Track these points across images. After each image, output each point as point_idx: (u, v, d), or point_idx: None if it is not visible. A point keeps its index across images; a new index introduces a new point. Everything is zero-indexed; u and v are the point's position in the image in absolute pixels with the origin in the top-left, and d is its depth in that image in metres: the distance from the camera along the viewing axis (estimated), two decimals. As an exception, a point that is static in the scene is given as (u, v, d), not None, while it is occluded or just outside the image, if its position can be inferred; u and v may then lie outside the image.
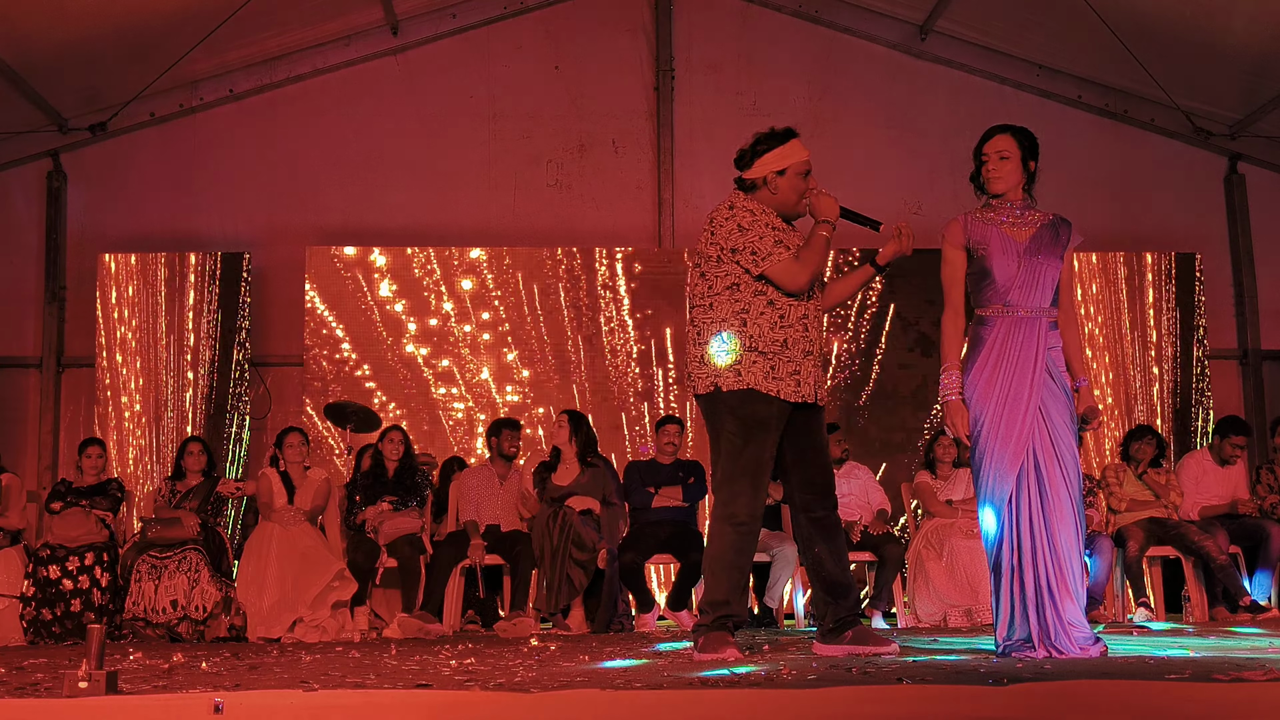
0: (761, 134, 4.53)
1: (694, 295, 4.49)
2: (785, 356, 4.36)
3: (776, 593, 7.19)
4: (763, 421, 4.35)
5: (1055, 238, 4.32)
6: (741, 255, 4.36)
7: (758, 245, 4.36)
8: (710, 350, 4.39)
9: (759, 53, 9.39)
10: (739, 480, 4.35)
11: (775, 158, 4.47)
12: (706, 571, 4.46)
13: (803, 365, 4.40)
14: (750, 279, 4.38)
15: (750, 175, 4.51)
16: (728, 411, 4.35)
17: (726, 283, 4.39)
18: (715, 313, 4.40)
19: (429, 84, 9.25)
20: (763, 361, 4.33)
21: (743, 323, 4.36)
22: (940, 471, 7.51)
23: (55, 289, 8.87)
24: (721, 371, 4.34)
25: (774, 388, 4.33)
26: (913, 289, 8.88)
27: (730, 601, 4.37)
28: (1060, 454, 4.17)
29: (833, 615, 4.49)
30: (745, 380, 4.33)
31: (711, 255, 4.42)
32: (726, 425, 4.36)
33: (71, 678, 3.12)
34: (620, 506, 7.26)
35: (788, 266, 4.36)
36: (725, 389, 4.34)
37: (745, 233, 4.37)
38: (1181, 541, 7.30)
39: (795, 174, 4.49)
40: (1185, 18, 8.08)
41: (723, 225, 4.41)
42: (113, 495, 7.23)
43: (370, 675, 3.82)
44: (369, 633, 6.72)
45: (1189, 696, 2.82)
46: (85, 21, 7.74)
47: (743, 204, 4.45)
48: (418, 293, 8.80)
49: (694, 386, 4.46)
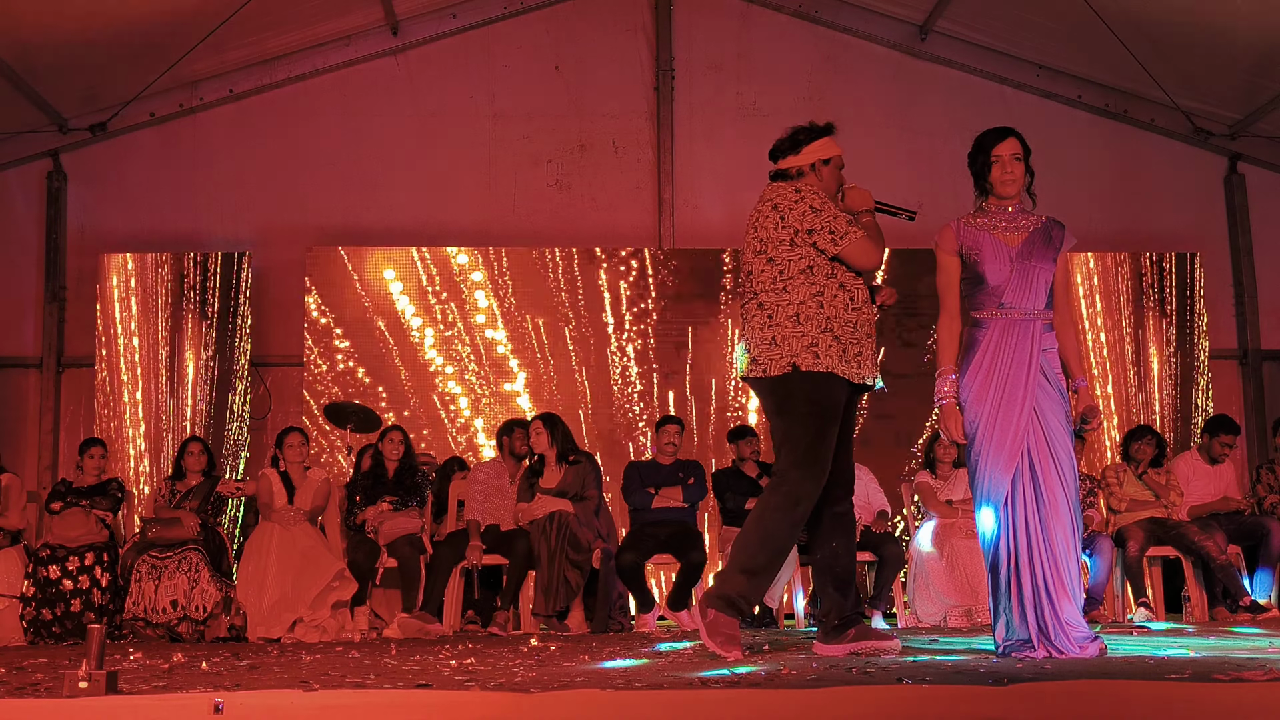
0: (801, 127, 4.64)
1: (760, 280, 4.48)
2: (854, 339, 4.42)
3: (776, 593, 7.18)
4: (836, 407, 4.40)
5: (1048, 240, 4.33)
6: (819, 235, 4.40)
7: (834, 225, 4.41)
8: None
9: (759, 53, 9.40)
10: (813, 465, 4.35)
11: (820, 147, 4.59)
12: (754, 538, 4.33)
13: (865, 347, 4.47)
14: (823, 262, 4.42)
15: (797, 163, 4.59)
16: (804, 395, 4.35)
17: (801, 265, 4.42)
18: (791, 295, 4.41)
19: (429, 84, 9.26)
20: (837, 346, 4.37)
21: (819, 305, 4.39)
22: (940, 471, 7.51)
23: (55, 289, 8.87)
24: (798, 352, 4.35)
25: (847, 370, 4.38)
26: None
27: (764, 579, 4.37)
28: (1056, 455, 4.18)
29: (838, 612, 4.49)
30: (824, 363, 4.35)
31: (784, 239, 4.44)
32: (802, 408, 4.35)
33: (71, 678, 3.12)
34: (596, 499, 7.22)
35: (864, 245, 4.44)
36: (804, 369, 4.34)
37: (820, 213, 4.42)
38: (1181, 541, 7.30)
39: (835, 166, 4.63)
40: (1185, 18, 8.08)
41: (793, 208, 4.44)
42: (113, 495, 7.23)
43: (370, 675, 3.82)
44: (369, 633, 6.72)
45: (1189, 697, 2.83)
46: (85, 22, 7.74)
47: (808, 188, 4.50)
48: (417, 293, 8.80)
49: (762, 368, 4.40)
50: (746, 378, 4.51)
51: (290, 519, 6.87)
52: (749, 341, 4.48)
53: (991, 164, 4.35)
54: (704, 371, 8.88)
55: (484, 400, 8.74)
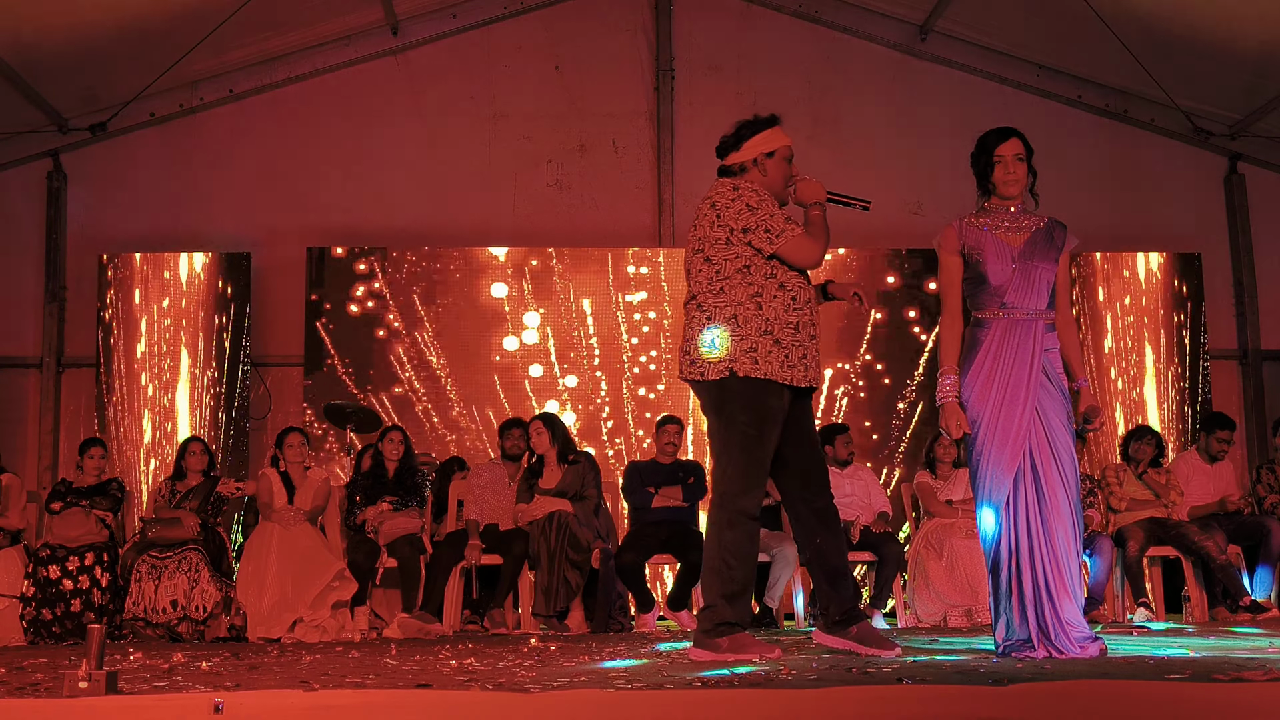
0: (745, 120, 4.57)
1: (698, 281, 4.41)
2: (797, 340, 4.35)
3: (776, 593, 7.19)
4: (774, 415, 4.32)
5: (1050, 241, 4.33)
6: (754, 234, 4.33)
7: (770, 223, 4.34)
8: (702, 342, 4.33)
9: (759, 53, 9.39)
10: (753, 475, 4.32)
11: (762, 140, 4.51)
12: (720, 564, 4.30)
13: (809, 349, 4.40)
14: (760, 261, 4.35)
15: (739, 158, 4.52)
16: (740, 402, 4.28)
17: (737, 265, 4.35)
18: (728, 296, 4.34)
19: (429, 84, 9.25)
20: (778, 351, 4.30)
21: (758, 306, 4.32)
22: (940, 471, 7.51)
23: (55, 289, 8.87)
24: (736, 356, 4.28)
25: (788, 375, 4.31)
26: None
27: (746, 596, 4.35)
28: (1058, 454, 4.18)
29: (838, 607, 4.46)
30: (762, 369, 4.28)
31: (719, 238, 4.37)
32: (739, 416, 4.29)
33: (71, 678, 3.12)
34: (595, 499, 7.22)
35: (801, 242, 4.36)
36: (742, 374, 4.28)
37: (755, 212, 4.35)
38: (1181, 541, 7.30)
39: (782, 158, 4.53)
40: (1185, 18, 8.08)
41: (730, 206, 4.37)
42: (113, 495, 7.23)
43: (370, 675, 3.82)
44: (369, 633, 6.72)
45: (1189, 696, 2.83)
46: (85, 21, 7.74)
47: (746, 185, 4.43)
48: (418, 293, 8.79)
49: (701, 371, 4.35)
50: (685, 379, 4.43)
51: (290, 519, 6.87)
52: (689, 342, 4.41)
53: (994, 164, 4.35)
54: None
55: (483, 401, 8.73)
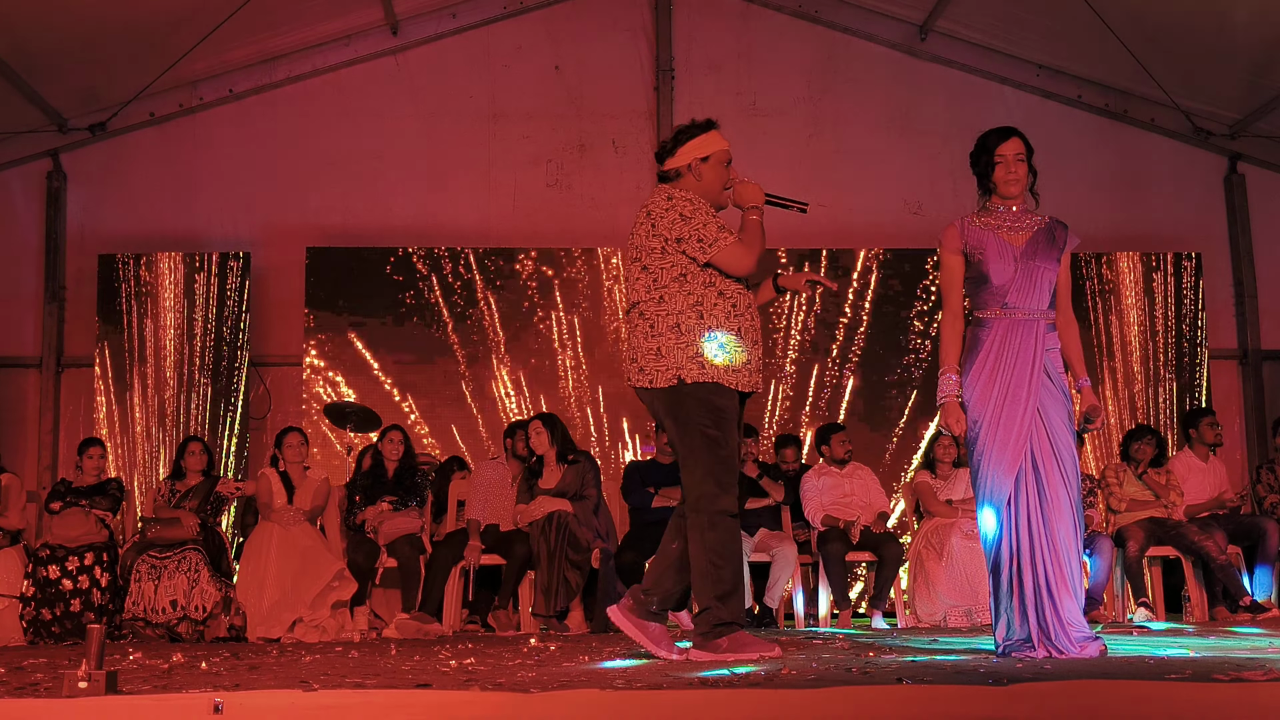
0: (682, 126, 4.60)
1: (637, 289, 4.44)
2: (739, 347, 4.37)
3: (776, 593, 7.19)
4: (728, 412, 4.35)
5: (1052, 241, 4.33)
6: (688, 244, 4.35)
7: (703, 232, 4.35)
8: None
9: (759, 53, 9.39)
10: (724, 474, 4.32)
11: (697, 145, 4.52)
12: (707, 565, 4.28)
13: (751, 355, 4.42)
14: (697, 270, 4.36)
15: (674, 164, 4.54)
16: (697, 404, 4.31)
17: (673, 274, 4.37)
18: (669, 304, 4.35)
19: (429, 84, 9.25)
20: (722, 355, 4.34)
21: (699, 315, 4.33)
22: (940, 471, 7.51)
23: (55, 289, 8.87)
24: (683, 363, 4.30)
25: (734, 380, 4.35)
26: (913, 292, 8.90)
27: (740, 593, 4.36)
28: (1059, 454, 4.18)
29: (664, 602, 4.45)
30: (710, 373, 4.30)
31: (655, 247, 4.39)
32: (697, 418, 4.30)
33: (71, 678, 3.12)
34: (595, 499, 7.22)
35: (735, 250, 4.37)
36: (690, 380, 4.30)
37: (688, 221, 4.36)
38: (1181, 541, 7.30)
39: (718, 161, 4.54)
40: (1185, 17, 8.08)
41: (664, 216, 4.38)
42: (112, 495, 7.23)
43: (370, 675, 3.82)
44: (369, 633, 6.72)
45: (1189, 696, 2.82)
46: (85, 21, 7.73)
47: (680, 194, 4.44)
48: (417, 293, 8.79)
49: (649, 379, 4.36)
50: (635, 386, 4.46)
51: (290, 519, 6.87)
52: (635, 350, 4.43)
53: (995, 164, 4.35)
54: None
55: (483, 401, 8.73)
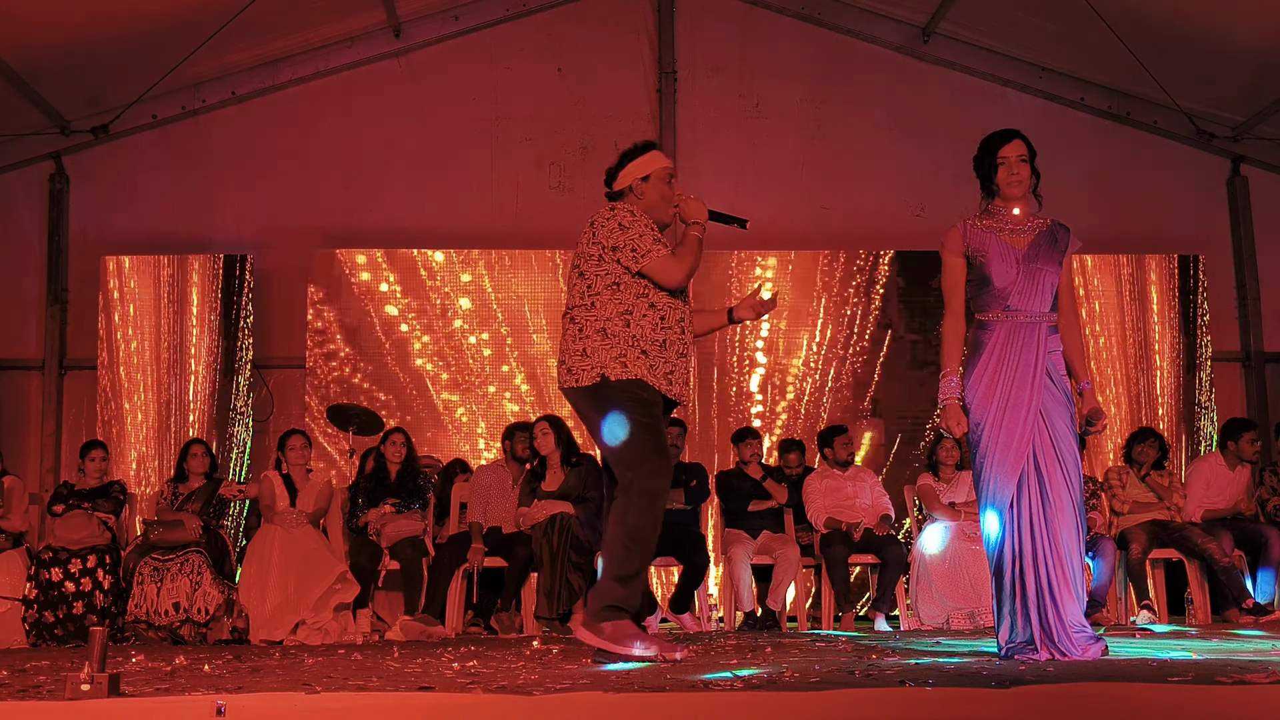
0: (626, 149, 4.77)
1: (573, 294, 4.59)
2: (663, 357, 4.47)
3: (779, 595, 7.18)
4: (653, 405, 4.44)
5: (1054, 243, 4.34)
6: (622, 253, 4.48)
7: (638, 243, 4.49)
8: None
9: (761, 55, 9.40)
10: (653, 456, 4.38)
11: (638, 166, 4.69)
12: (619, 545, 4.33)
13: (677, 366, 4.52)
14: (631, 280, 4.49)
15: (618, 185, 4.72)
16: (623, 395, 4.40)
17: (608, 281, 4.50)
18: (598, 311, 4.48)
19: (431, 86, 9.26)
20: (644, 360, 4.43)
21: (626, 323, 4.45)
22: (943, 474, 7.51)
23: (57, 291, 8.88)
24: (607, 362, 4.41)
25: (655, 382, 4.44)
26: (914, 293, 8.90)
27: (641, 581, 4.40)
28: (1061, 456, 4.18)
29: (641, 615, 4.56)
30: (631, 371, 4.41)
31: (593, 254, 4.54)
32: (625, 407, 4.39)
33: (73, 680, 3.12)
34: (597, 501, 7.20)
35: (665, 262, 4.49)
36: (613, 378, 4.41)
37: (626, 231, 4.50)
38: (1184, 544, 7.30)
39: (659, 179, 4.69)
40: (1188, 20, 8.08)
41: (604, 225, 4.53)
42: (115, 498, 7.24)
43: (373, 678, 3.81)
44: (371, 635, 6.72)
45: (1191, 699, 2.82)
46: (88, 24, 7.74)
47: (624, 207, 4.60)
48: (420, 295, 8.80)
49: (575, 379, 4.47)
50: (563, 388, 4.56)
51: (292, 521, 6.87)
52: (564, 353, 4.55)
53: (998, 166, 4.36)
54: (706, 373, 8.88)
55: (485, 403, 8.74)
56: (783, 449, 8.05)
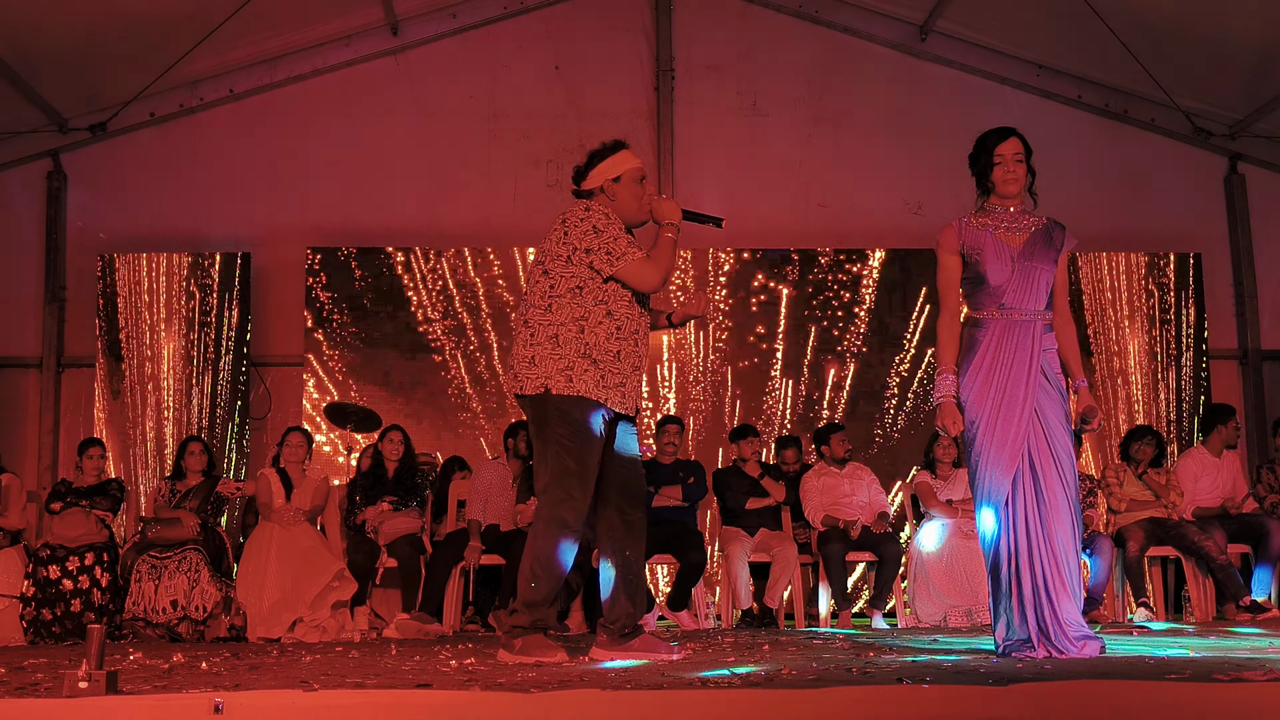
0: (595, 150, 4.70)
1: (532, 294, 4.49)
2: (615, 368, 4.41)
3: (777, 593, 7.19)
4: (592, 428, 4.37)
5: (1049, 242, 4.34)
6: (596, 255, 4.40)
7: (613, 246, 4.41)
8: None
9: (759, 53, 9.39)
10: (571, 484, 4.34)
11: (608, 166, 4.62)
12: (528, 571, 4.35)
13: (630, 378, 4.47)
14: (595, 285, 4.41)
15: (587, 186, 4.63)
16: (558, 415, 4.35)
17: (571, 284, 4.41)
18: (554, 315, 4.40)
19: (429, 84, 9.25)
20: (594, 370, 4.36)
21: (580, 330, 4.38)
22: (940, 472, 7.51)
23: (55, 289, 8.87)
24: (552, 374, 4.34)
25: (603, 396, 4.37)
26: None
27: (547, 604, 4.37)
28: (1056, 454, 4.19)
29: (629, 620, 4.49)
30: (576, 387, 4.34)
31: (562, 255, 4.43)
32: (557, 429, 4.35)
33: (71, 678, 3.12)
34: None
35: (642, 266, 4.44)
36: (556, 392, 4.34)
37: (600, 234, 4.42)
38: (1182, 541, 7.30)
39: (630, 180, 4.62)
40: (1185, 18, 8.08)
41: (577, 226, 4.43)
42: (112, 495, 7.23)
43: (370, 675, 3.82)
44: (369, 633, 6.73)
45: (1189, 697, 2.83)
46: (85, 21, 7.74)
47: (598, 208, 4.51)
48: (417, 293, 8.79)
49: (520, 386, 4.42)
50: (509, 392, 4.53)
51: (290, 519, 6.87)
52: (514, 358, 4.49)
53: (994, 164, 4.36)
54: (706, 372, 8.88)
55: (484, 401, 8.74)
56: (779, 445, 8.06)
